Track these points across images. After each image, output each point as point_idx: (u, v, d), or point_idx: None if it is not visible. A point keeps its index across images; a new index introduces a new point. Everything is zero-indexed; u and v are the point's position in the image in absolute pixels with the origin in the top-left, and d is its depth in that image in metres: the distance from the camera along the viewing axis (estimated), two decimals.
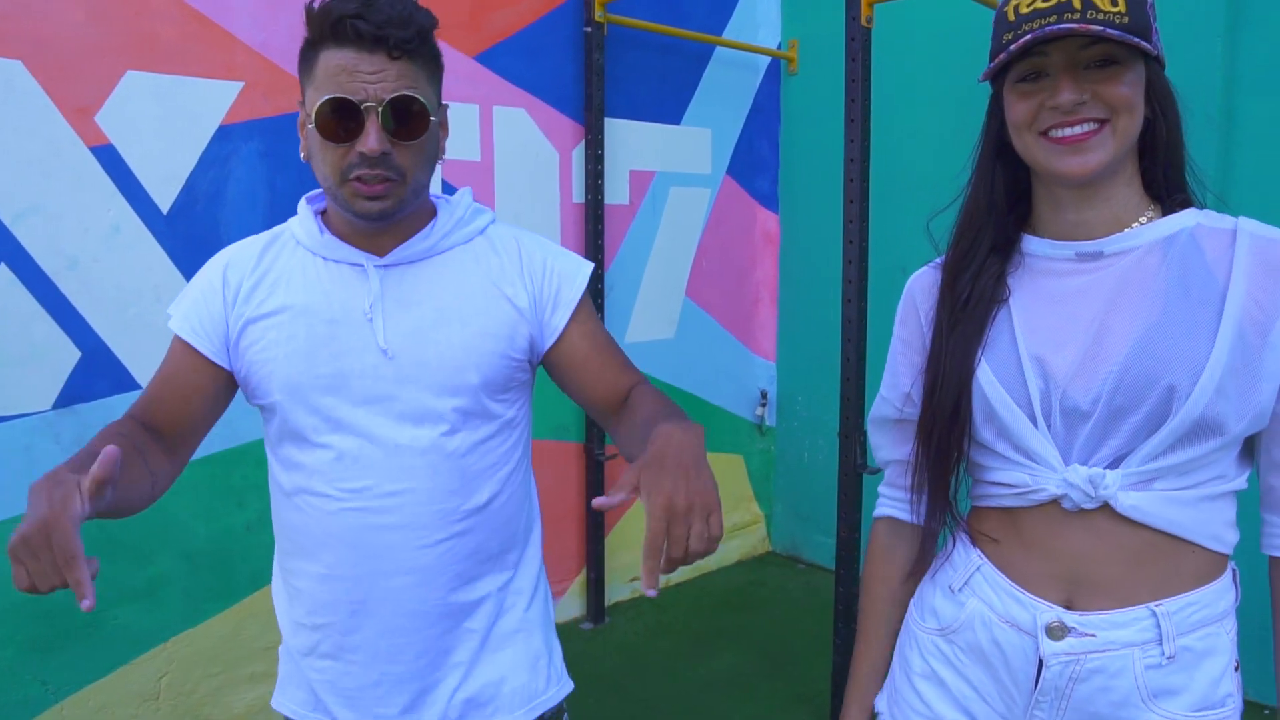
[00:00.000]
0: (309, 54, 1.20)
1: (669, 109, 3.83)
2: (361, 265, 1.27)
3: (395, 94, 1.16)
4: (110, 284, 2.50)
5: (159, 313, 2.58)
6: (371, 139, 1.16)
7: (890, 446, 1.26)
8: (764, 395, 4.34)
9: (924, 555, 1.22)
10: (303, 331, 1.25)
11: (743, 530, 4.34)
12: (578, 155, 3.51)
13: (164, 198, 2.57)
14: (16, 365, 2.38)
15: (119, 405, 2.52)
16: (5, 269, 2.34)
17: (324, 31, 1.17)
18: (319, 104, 1.16)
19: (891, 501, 1.28)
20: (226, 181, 2.67)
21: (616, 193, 3.65)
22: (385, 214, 1.22)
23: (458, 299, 1.28)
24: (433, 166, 1.27)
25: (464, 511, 1.29)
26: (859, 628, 1.32)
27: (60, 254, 2.42)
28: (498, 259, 1.33)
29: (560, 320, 1.33)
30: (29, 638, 2.43)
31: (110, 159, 2.48)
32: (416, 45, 1.18)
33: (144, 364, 2.57)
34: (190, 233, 2.62)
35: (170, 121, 2.56)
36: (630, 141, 3.69)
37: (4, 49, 2.30)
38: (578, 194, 3.52)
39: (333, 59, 1.16)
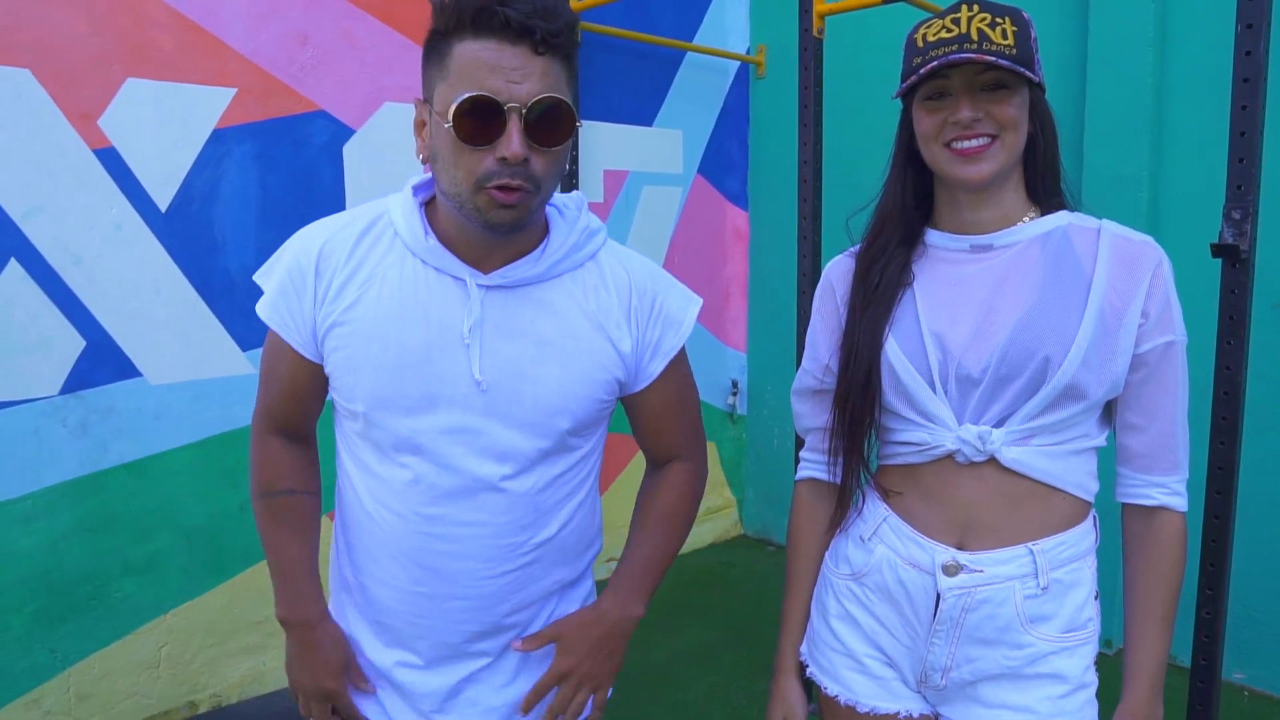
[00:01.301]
0: (438, 45, 1.10)
1: (642, 111, 3.97)
2: (464, 281, 1.18)
3: (541, 95, 1.06)
4: (112, 278, 2.63)
5: (158, 305, 2.71)
6: (515, 143, 1.05)
7: (811, 415, 1.41)
8: (735, 385, 4.50)
9: (840, 510, 1.36)
10: (394, 345, 1.17)
11: (715, 514, 4.50)
12: None
13: (162, 197, 2.70)
14: (26, 353, 2.51)
15: (121, 391, 2.66)
16: (15, 264, 2.47)
17: (461, 20, 1.06)
18: (457, 102, 1.05)
19: (812, 465, 1.42)
20: (220, 182, 2.80)
21: (591, 191, 3.79)
22: (516, 225, 1.12)
23: (560, 335, 1.20)
24: (561, 178, 1.16)
25: (533, 545, 1.25)
26: (787, 581, 1.44)
27: (66, 250, 2.55)
28: (606, 294, 1.24)
29: (656, 368, 1.29)
30: (38, 608, 2.56)
31: (112, 161, 2.61)
32: (562, 40, 1.08)
33: (144, 353, 2.69)
34: (187, 230, 2.75)
35: (168, 126, 2.69)
36: (604, 142, 3.82)
37: (13, 58, 2.43)
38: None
39: (470, 51, 1.06)
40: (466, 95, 1.05)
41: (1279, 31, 1.88)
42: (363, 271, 1.19)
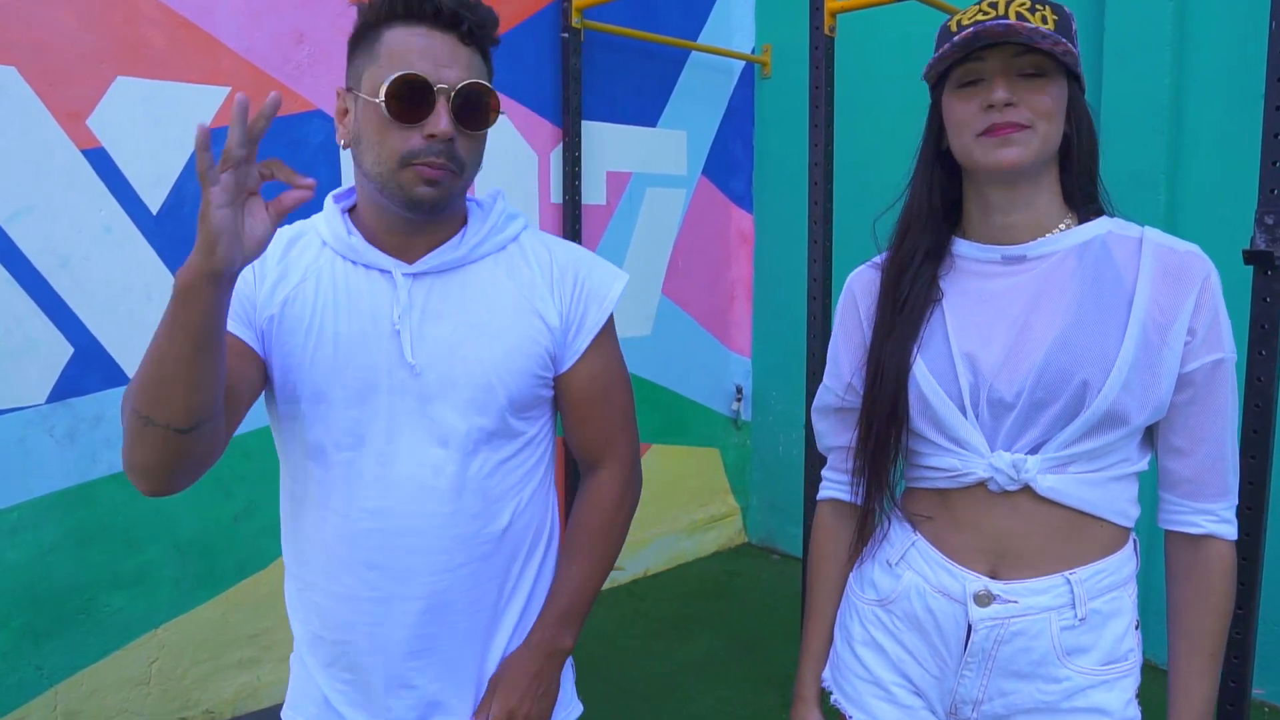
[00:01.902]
0: (368, 35, 1.15)
1: (645, 112, 3.92)
2: (389, 272, 1.21)
3: (468, 81, 1.13)
4: (102, 282, 2.57)
5: (149, 309, 2.65)
6: (443, 121, 1.11)
7: (833, 433, 1.35)
8: (739, 390, 4.44)
9: (863, 533, 1.30)
10: (330, 338, 1.19)
11: (719, 522, 4.44)
12: (556, 157, 3.60)
13: (153, 199, 2.65)
14: (11, 360, 2.45)
15: (111, 399, 2.60)
16: (0, 268, 2.41)
17: (393, 9, 1.12)
18: (389, 81, 1.10)
19: (834, 485, 1.36)
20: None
21: (594, 193, 3.74)
22: (437, 204, 1.16)
23: (488, 313, 1.23)
24: (479, 167, 1.22)
25: (485, 535, 1.25)
26: (808, 605, 1.39)
27: (53, 253, 2.49)
28: (529, 271, 1.27)
29: (582, 343, 1.29)
30: (23, 623, 2.50)
31: (101, 161, 2.55)
32: (485, 33, 1.16)
33: (135, 359, 2.61)
34: (178, 233, 2.69)
35: (159, 125, 2.63)
36: (607, 143, 3.77)
37: None
38: (556, 195, 3.61)
39: (400, 37, 1.12)
40: (398, 74, 1.10)
41: None
42: (292, 274, 1.22)
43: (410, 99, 1.11)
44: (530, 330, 1.25)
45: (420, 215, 1.18)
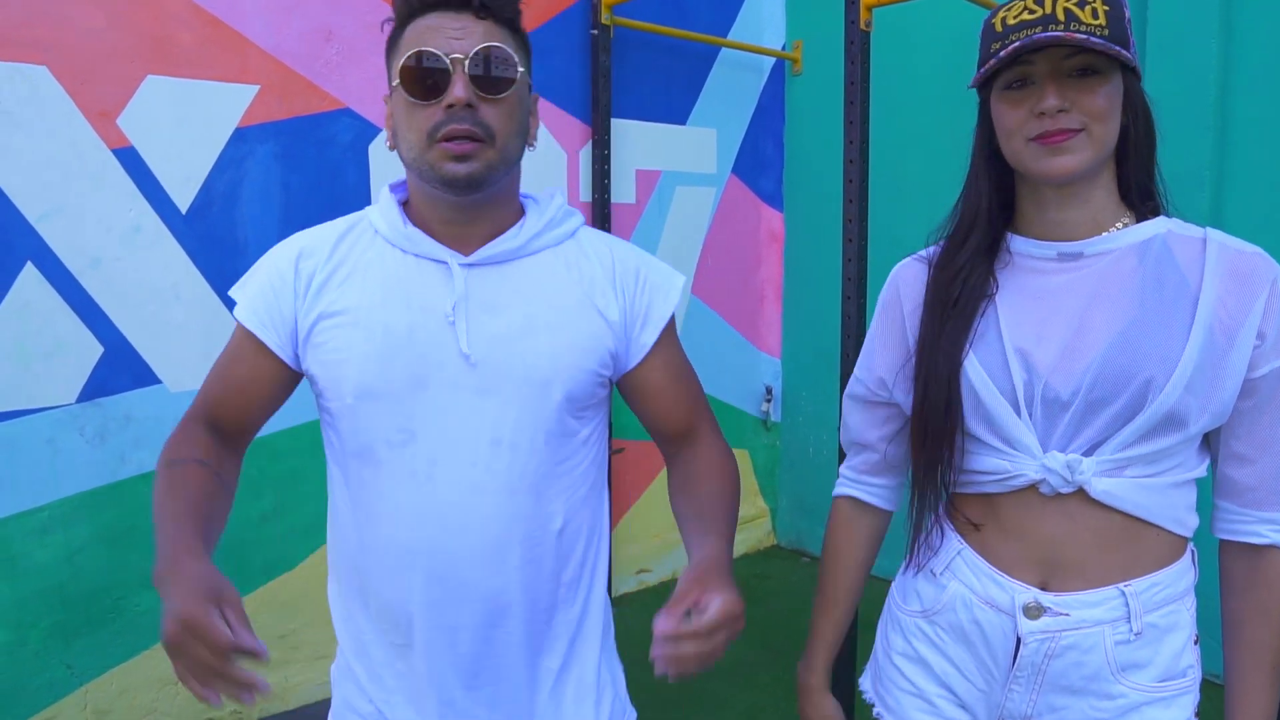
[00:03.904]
0: (394, 36, 1.17)
1: (675, 109, 3.89)
2: (445, 263, 1.18)
3: (481, 45, 1.11)
4: (131, 282, 2.57)
5: (178, 309, 2.65)
6: (458, 87, 1.10)
7: (858, 427, 1.32)
8: (769, 391, 4.40)
9: (915, 540, 1.25)
10: (380, 331, 1.16)
11: (748, 524, 4.40)
12: (585, 155, 3.57)
13: (183, 198, 2.64)
14: (42, 360, 2.45)
15: (141, 399, 2.60)
16: (31, 267, 2.41)
17: (409, 6, 1.14)
18: (402, 62, 1.11)
19: (851, 483, 1.34)
20: (242, 182, 2.74)
21: (623, 192, 3.71)
22: (474, 179, 1.12)
23: (547, 306, 1.20)
24: (524, 138, 1.20)
25: (540, 538, 1.21)
26: (820, 591, 1.37)
27: (83, 253, 2.49)
28: (589, 266, 1.24)
29: (649, 338, 1.26)
30: (54, 623, 2.50)
31: (131, 161, 2.55)
32: (503, 4, 1.15)
33: (164, 359, 2.63)
34: (208, 232, 2.69)
35: (188, 124, 2.63)
36: (636, 141, 3.75)
37: (30, 55, 2.37)
38: (585, 193, 3.58)
39: (418, 25, 1.13)
40: (411, 52, 1.11)
41: None
42: (344, 269, 1.20)
43: (426, 75, 1.11)
44: (591, 326, 1.21)
45: (459, 194, 1.14)
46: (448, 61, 1.10)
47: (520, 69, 1.15)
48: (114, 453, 2.56)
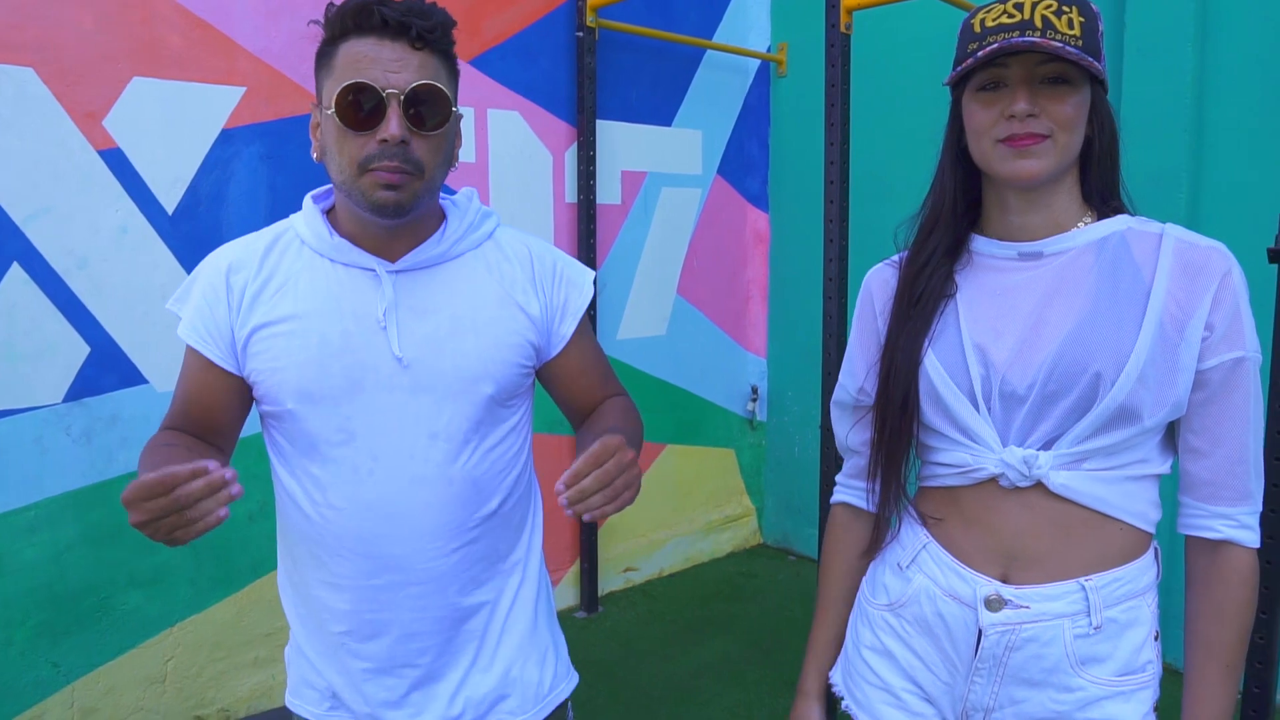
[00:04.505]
0: (327, 51, 1.19)
1: (660, 111, 3.91)
2: (373, 270, 1.24)
3: (418, 83, 1.15)
4: (118, 282, 2.59)
5: (165, 310, 2.65)
6: (393, 125, 1.13)
7: (846, 431, 1.34)
8: (755, 391, 4.42)
9: (878, 535, 1.29)
10: (315, 339, 1.21)
11: (734, 523, 4.42)
12: (570, 156, 3.60)
13: (169, 199, 2.66)
14: (29, 360, 2.46)
15: (127, 399, 2.61)
16: (18, 268, 2.42)
17: (345, 24, 1.16)
18: (339, 90, 1.13)
19: (847, 490, 1.36)
20: (229, 183, 2.76)
21: (609, 193, 3.74)
22: (400, 207, 1.18)
23: (472, 307, 1.26)
24: (448, 167, 1.25)
25: (475, 519, 1.28)
26: (818, 601, 1.39)
27: (70, 253, 2.50)
28: (510, 266, 1.31)
29: (568, 329, 1.34)
30: (41, 621, 2.52)
31: (118, 162, 2.56)
32: (438, 37, 1.18)
33: (150, 359, 2.65)
34: (194, 233, 2.70)
35: (175, 126, 2.65)
36: (622, 143, 3.77)
37: (16, 56, 2.38)
38: (570, 194, 3.60)
39: (352, 49, 1.15)
40: (348, 83, 1.13)
41: None
42: (274, 280, 1.24)
43: (362, 106, 1.14)
44: (513, 323, 1.29)
45: (386, 219, 1.20)
46: (383, 95, 1.14)
47: (453, 108, 1.20)
48: (101, 452, 2.58)
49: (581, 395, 1.40)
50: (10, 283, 2.42)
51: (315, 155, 1.23)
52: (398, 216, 1.20)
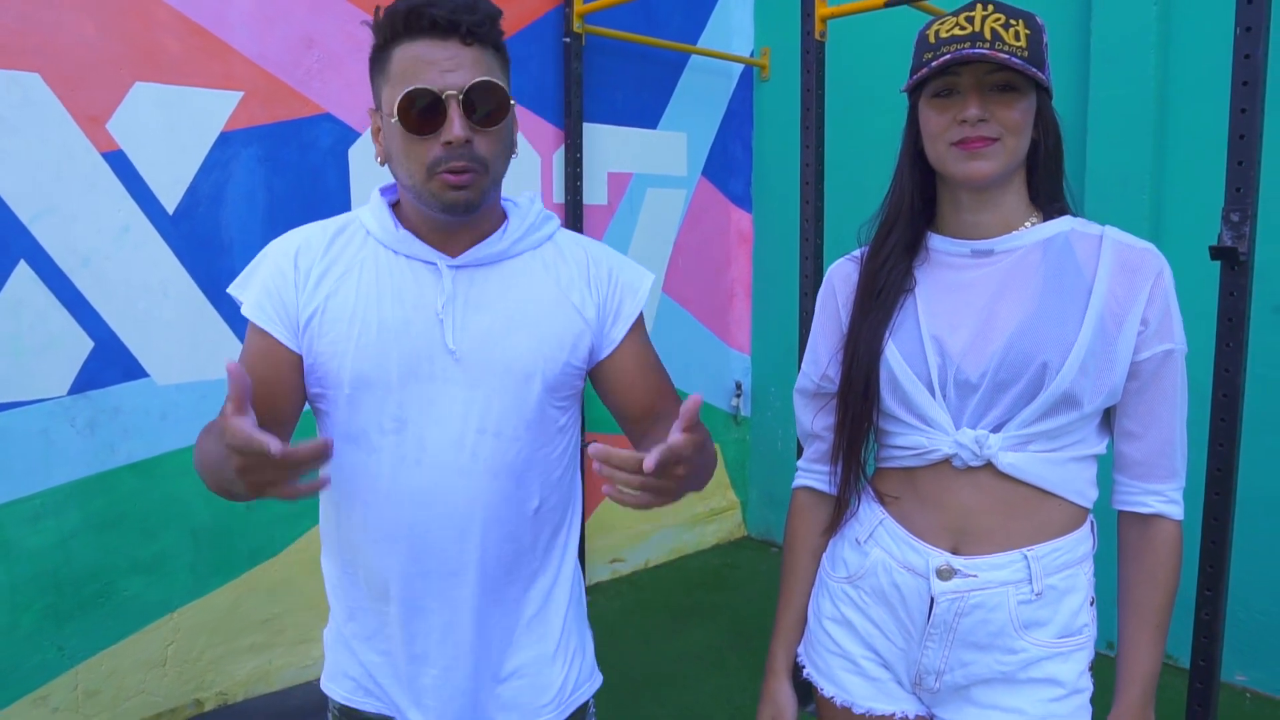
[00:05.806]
0: (380, 57, 1.20)
1: (646, 114, 3.99)
2: (435, 264, 1.26)
3: (474, 80, 1.16)
4: (120, 279, 2.66)
5: (166, 306, 2.74)
6: (456, 127, 1.14)
7: (808, 419, 1.42)
8: (739, 386, 4.51)
9: (838, 515, 1.37)
10: (374, 326, 1.23)
11: (719, 515, 4.51)
12: (558, 158, 3.67)
13: (170, 199, 2.73)
14: (34, 354, 2.53)
15: (129, 392, 2.69)
16: (24, 265, 2.50)
17: (395, 28, 1.17)
18: (400, 97, 1.14)
19: (808, 474, 1.43)
20: (227, 184, 2.83)
21: (595, 194, 3.82)
22: (470, 205, 1.20)
23: (527, 305, 1.28)
24: (509, 158, 1.26)
25: (518, 517, 1.30)
26: (782, 582, 1.46)
27: (74, 252, 2.58)
28: (566, 267, 1.32)
29: (619, 333, 1.34)
30: (46, 606, 2.59)
31: (120, 164, 2.64)
32: (487, 30, 1.19)
33: (152, 354, 2.72)
34: (194, 232, 2.78)
35: (175, 129, 2.72)
36: (608, 145, 3.84)
37: (23, 62, 2.46)
38: (558, 195, 3.68)
39: (406, 53, 1.16)
40: (406, 90, 1.14)
41: (1278, 35, 1.89)
42: (338, 266, 1.26)
43: (422, 112, 1.15)
44: (567, 322, 1.30)
45: (458, 216, 1.22)
46: (442, 98, 1.15)
47: (509, 99, 1.21)
48: (104, 443, 2.65)
49: (634, 402, 1.38)
50: (17, 280, 2.49)
51: (379, 160, 1.25)
52: (469, 213, 1.22)
